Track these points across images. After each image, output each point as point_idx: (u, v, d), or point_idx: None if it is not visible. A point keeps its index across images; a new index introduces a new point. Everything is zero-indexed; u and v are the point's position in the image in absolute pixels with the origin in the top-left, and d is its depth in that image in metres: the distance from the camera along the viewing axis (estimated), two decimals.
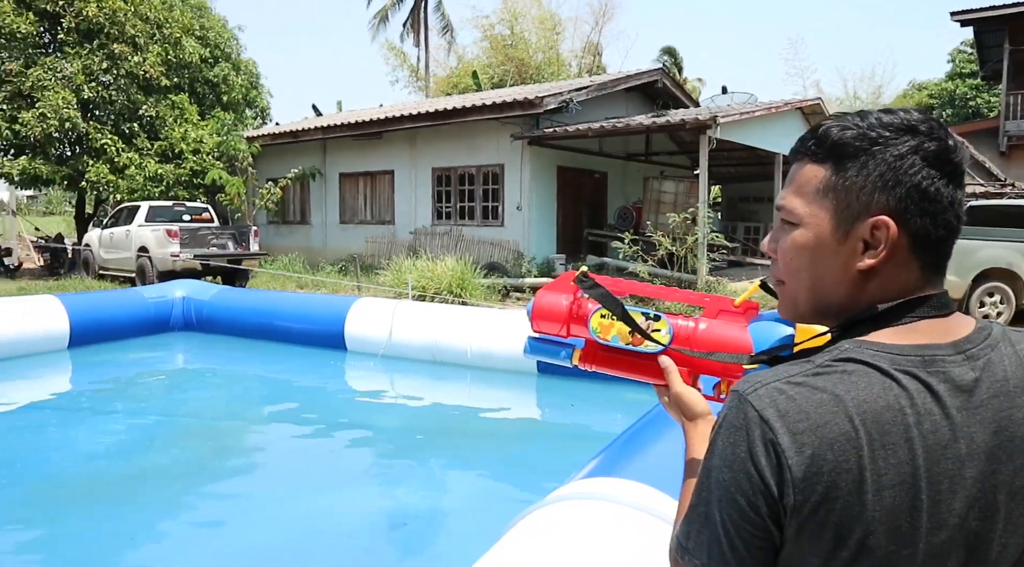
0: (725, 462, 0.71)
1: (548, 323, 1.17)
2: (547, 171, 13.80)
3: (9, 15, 15.20)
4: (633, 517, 1.96)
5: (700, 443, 0.95)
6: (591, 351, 1.15)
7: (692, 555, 0.75)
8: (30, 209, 36.97)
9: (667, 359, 1.06)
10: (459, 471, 4.14)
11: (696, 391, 1.03)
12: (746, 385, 0.73)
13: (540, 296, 1.19)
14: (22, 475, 3.99)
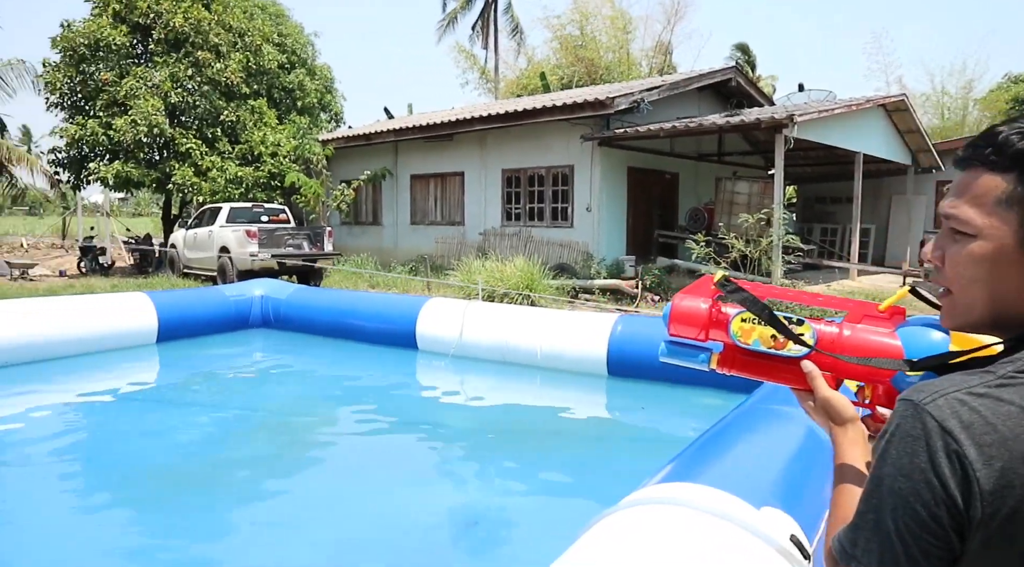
0: (901, 471, 0.71)
1: (686, 327, 1.17)
2: (617, 172, 13.69)
3: (106, 28, 16.06)
4: (712, 523, 1.92)
5: (851, 448, 0.95)
6: (730, 355, 1.14)
7: (859, 562, 0.75)
8: (121, 211, 38.93)
9: (810, 364, 1.05)
10: (530, 472, 4.14)
11: (843, 396, 1.02)
12: (921, 395, 0.73)
13: (678, 300, 1.18)
14: (116, 461, 4.20)
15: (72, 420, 5.19)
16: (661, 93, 13.30)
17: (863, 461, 0.93)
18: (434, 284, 12.24)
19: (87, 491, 3.80)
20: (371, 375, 6.77)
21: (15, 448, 4.47)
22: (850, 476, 0.92)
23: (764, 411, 3.10)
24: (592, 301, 10.76)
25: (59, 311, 6.71)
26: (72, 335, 6.61)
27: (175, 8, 16.31)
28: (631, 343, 5.90)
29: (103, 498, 3.69)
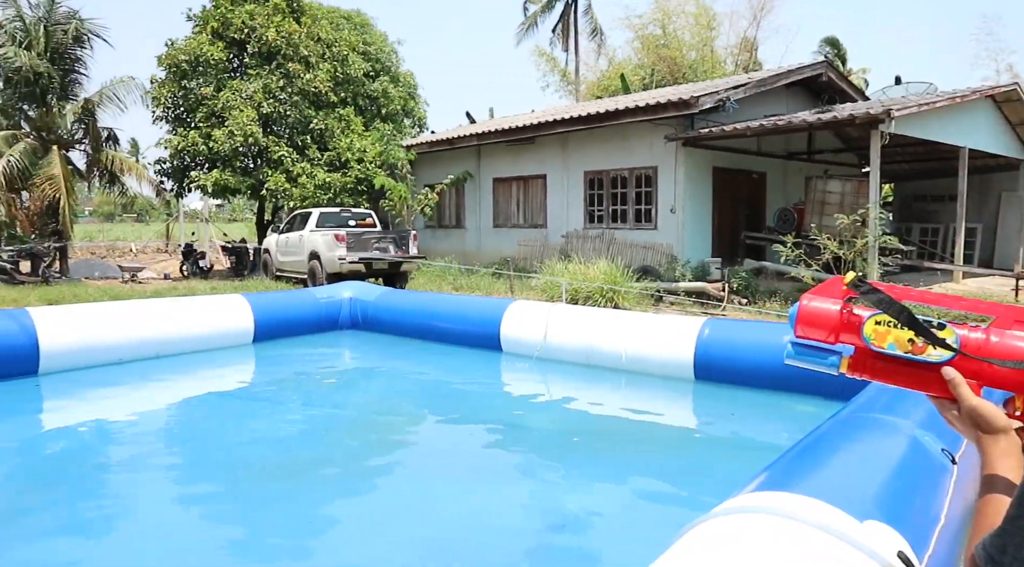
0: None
1: (814, 329, 1.13)
2: (702, 172, 13.42)
3: (205, 45, 16.93)
4: (813, 535, 1.85)
5: (1002, 459, 0.91)
6: (862, 359, 1.10)
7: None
8: (218, 216, 40.86)
9: (952, 370, 1.00)
10: (617, 476, 4.10)
11: (992, 404, 0.96)
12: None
13: (807, 300, 1.14)
14: (216, 455, 4.41)
15: (178, 415, 5.49)
16: (747, 91, 12.96)
17: (1016, 473, 0.88)
18: (517, 286, 12.31)
19: (189, 483, 4.00)
20: (456, 376, 6.86)
21: (127, 440, 4.75)
22: (1000, 487, 0.87)
23: (864, 420, 2.97)
24: (677, 304, 10.58)
25: (167, 312, 7.09)
26: (179, 335, 6.98)
27: (268, 23, 17.03)
28: (719, 347, 5.76)
29: (204, 490, 3.88)
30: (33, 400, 5.74)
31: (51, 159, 15.84)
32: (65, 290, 12.77)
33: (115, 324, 6.59)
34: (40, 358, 5.96)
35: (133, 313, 6.85)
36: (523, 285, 12.37)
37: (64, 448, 4.57)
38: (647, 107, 12.84)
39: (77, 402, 5.73)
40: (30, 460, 4.38)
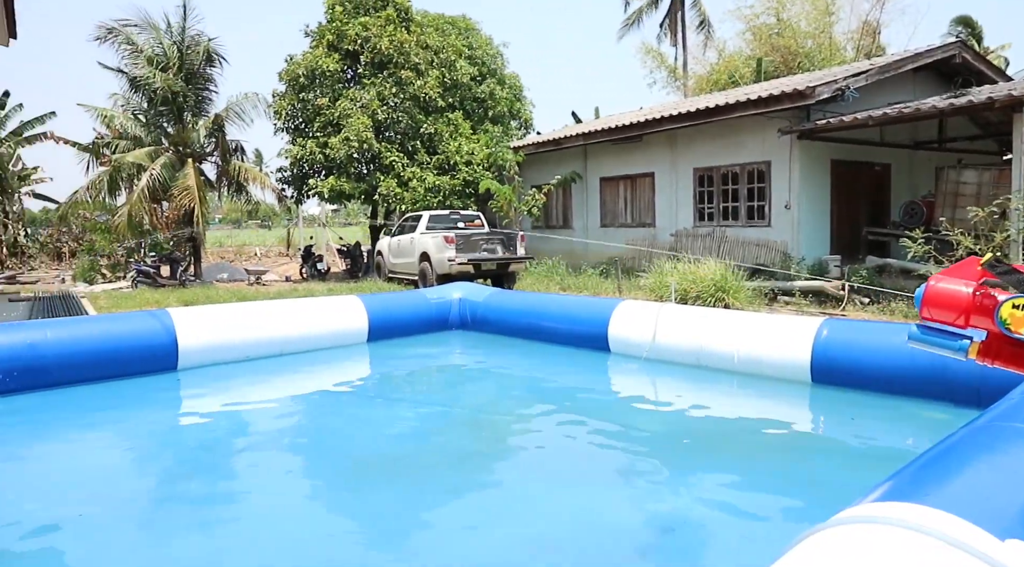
0: None
1: (943, 311, 1.07)
2: (819, 166, 12.82)
3: (321, 58, 17.77)
4: (943, 551, 1.73)
5: None
6: (996, 344, 1.03)
7: None
8: (334, 221, 42.68)
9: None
10: (727, 481, 3.99)
11: None
12: None
13: (936, 281, 1.09)
14: (330, 449, 4.62)
15: (299, 410, 5.78)
16: (869, 78, 12.27)
17: None
18: (625, 286, 12.18)
19: (307, 474, 4.21)
20: (564, 376, 6.87)
21: (253, 432, 5.05)
22: None
23: (1006, 429, 2.75)
24: (792, 304, 10.16)
25: (288, 312, 7.49)
26: (299, 334, 7.35)
27: (380, 33, 17.66)
28: (839, 349, 5.49)
29: (320, 481, 4.07)
30: (173, 393, 6.20)
31: (186, 171, 17.08)
32: (199, 292, 13.72)
33: (243, 324, 7.02)
34: (179, 355, 6.43)
35: (258, 313, 7.28)
36: (631, 285, 12.23)
37: (200, 438, 4.92)
38: (759, 100, 12.40)
39: (210, 396, 6.15)
40: (172, 448, 4.74)
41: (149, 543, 3.21)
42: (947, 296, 1.04)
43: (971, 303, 1.02)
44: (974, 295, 1.02)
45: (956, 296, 1.03)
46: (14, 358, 5.66)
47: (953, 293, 1.04)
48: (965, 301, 1.02)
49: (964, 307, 1.02)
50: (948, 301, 1.04)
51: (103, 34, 17.28)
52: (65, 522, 3.37)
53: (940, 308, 1.05)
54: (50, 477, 4.11)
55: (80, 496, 3.71)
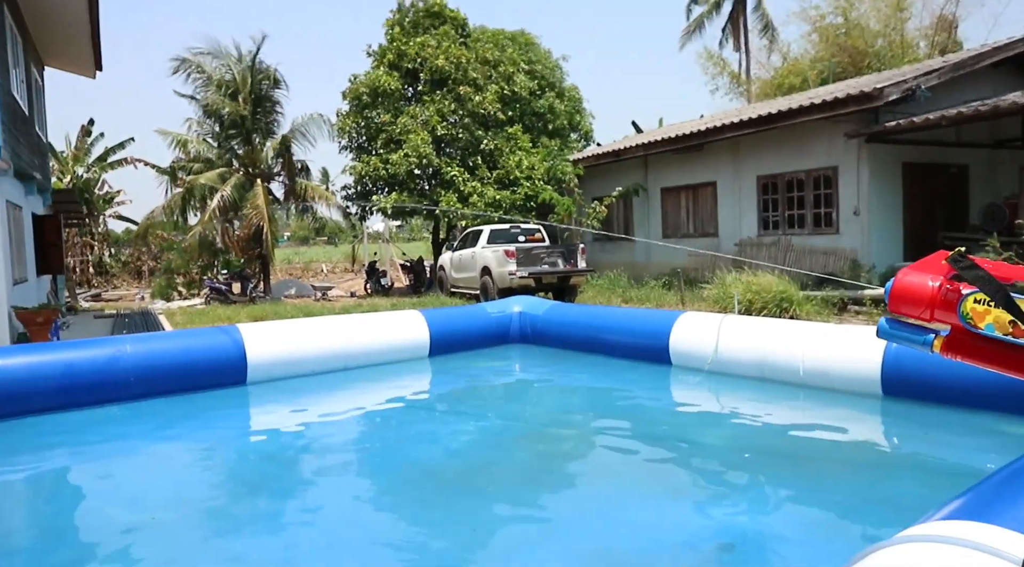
0: None
1: (909, 305, 1.07)
2: (890, 169, 12.40)
3: (383, 77, 18.21)
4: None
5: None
6: (958, 339, 1.02)
7: None
8: (398, 236, 43.47)
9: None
10: (790, 495, 3.88)
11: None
12: None
13: (903, 275, 1.09)
14: (394, 462, 4.69)
15: (363, 423, 5.90)
16: (942, 76, 11.83)
17: None
18: (688, 298, 12.00)
19: (371, 486, 4.28)
20: (624, 389, 6.80)
21: (319, 444, 5.18)
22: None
23: None
24: (863, 314, 9.82)
25: (353, 327, 7.65)
26: (363, 348, 7.50)
27: (437, 52, 17.98)
28: (912, 360, 5.27)
29: (384, 494, 4.14)
30: (242, 407, 6.41)
31: (255, 191, 17.71)
32: (268, 308, 14.17)
33: (309, 339, 7.21)
34: (248, 369, 6.65)
35: (324, 329, 7.46)
36: (694, 296, 12.04)
37: (267, 449, 5.07)
38: (824, 104, 12.09)
39: (277, 409, 6.34)
40: (240, 459, 4.90)
41: (215, 548, 3.32)
42: (912, 290, 1.03)
43: (936, 297, 1.00)
44: (939, 289, 1.00)
45: (921, 290, 1.02)
46: (97, 371, 5.96)
47: (918, 287, 1.03)
48: (929, 295, 1.01)
49: (928, 301, 1.01)
50: (913, 295, 1.03)
51: (177, 65, 18.18)
52: (141, 526, 3.52)
53: (906, 302, 1.04)
54: (130, 485, 4.31)
55: (155, 502, 3.88)
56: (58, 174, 24.66)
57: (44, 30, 12.97)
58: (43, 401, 5.70)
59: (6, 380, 5.59)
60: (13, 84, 10.16)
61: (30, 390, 5.67)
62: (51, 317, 9.91)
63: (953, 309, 1.02)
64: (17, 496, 4.34)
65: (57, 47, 14.05)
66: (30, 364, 5.78)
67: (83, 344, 6.40)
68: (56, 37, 13.41)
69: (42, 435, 5.33)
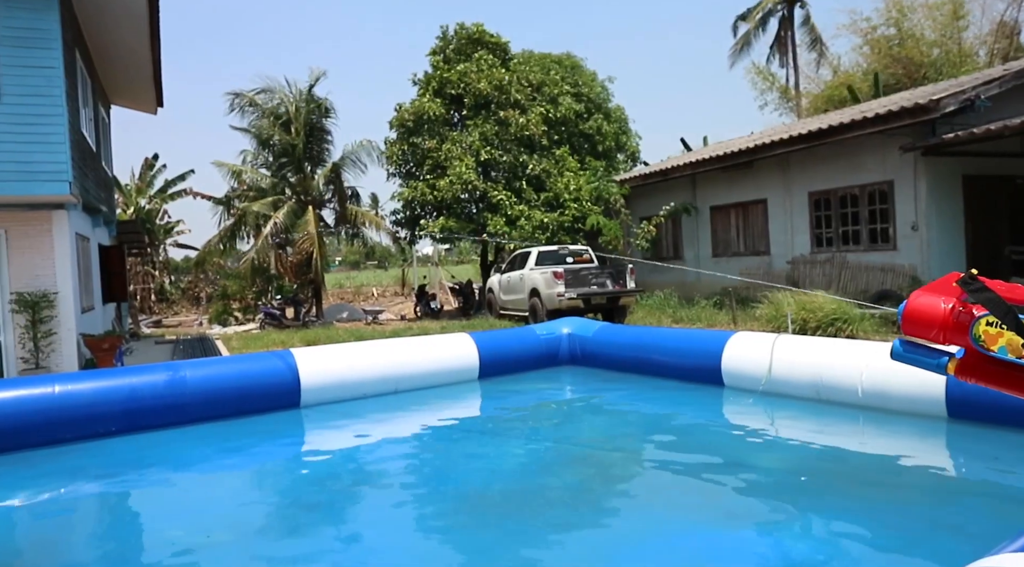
0: None
1: (921, 327, 1.05)
2: (949, 183, 12.03)
3: (427, 104, 18.53)
4: None
5: None
6: (972, 362, 1.00)
7: None
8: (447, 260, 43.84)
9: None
10: (851, 522, 3.75)
11: None
12: None
13: (915, 297, 1.07)
14: (444, 484, 4.70)
15: (414, 445, 5.93)
16: (1003, 85, 11.48)
17: None
18: (740, 317, 11.80)
19: (421, 508, 4.29)
20: (676, 411, 6.71)
21: (370, 467, 5.22)
22: None
23: None
24: None
25: (403, 351, 7.73)
26: (413, 371, 7.57)
27: (479, 76, 18.22)
28: None
29: (434, 516, 4.15)
30: (296, 430, 6.52)
31: (307, 217, 18.12)
32: (320, 332, 14.42)
33: (360, 362, 7.31)
34: (301, 393, 6.77)
35: (374, 352, 7.56)
36: (746, 315, 11.83)
37: (319, 471, 5.14)
38: (877, 117, 11.83)
39: (330, 432, 6.42)
40: (293, 481, 4.98)
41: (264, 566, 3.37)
42: (925, 312, 1.01)
43: (948, 319, 0.98)
44: (952, 311, 0.97)
45: (933, 312, 0.99)
46: (158, 396, 6.14)
47: (931, 309, 1.00)
48: (941, 317, 0.98)
49: (941, 323, 0.98)
50: (926, 317, 1.01)
51: (233, 99, 18.88)
52: (199, 547, 3.60)
53: (918, 324, 1.02)
54: (188, 506, 4.41)
55: (212, 523, 3.96)
56: (122, 206, 25.67)
57: (111, 71, 13.61)
58: (109, 424, 5.90)
59: (75, 404, 5.80)
60: (82, 123, 10.65)
61: (97, 414, 5.88)
62: (116, 343, 10.27)
63: (965, 331, 1.00)
64: (83, 515, 4.49)
65: (122, 86, 14.72)
66: (97, 389, 5.99)
67: (145, 370, 6.61)
68: (121, 77, 14.05)
69: (107, 457, 5.51)
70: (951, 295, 1.06)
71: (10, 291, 9.16)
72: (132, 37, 11.80)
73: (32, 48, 8.71)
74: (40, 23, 8.74)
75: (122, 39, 11.92)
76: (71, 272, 9.50)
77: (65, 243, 9.43)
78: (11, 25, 8.62)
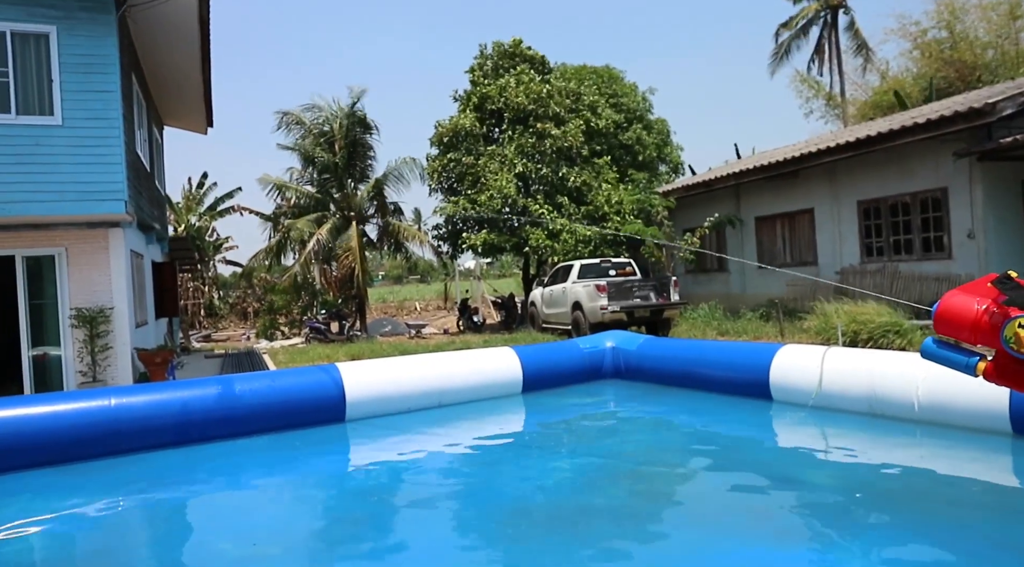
0: None
1: (953, 327, 1.04)
2: (1008, 188, 11.65)
3: (463, 120, 18.71)
4: None
5: None
6: (1003, 364, 0.99)
7: None
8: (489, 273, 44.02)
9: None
10: (909, 540, 3.62)
11: None
12: None
13: (948, 297, 1.06)
14: (488, 500, 4.68)
15: (457, 459, 5.93)
16: None
17: None
18: (787, 329, 11.56)
19: (464, 522, 4.28)
20: (723, 426, 6.58)
21: (414, 481, 5.24)
22: None
23: None
24: None
25: (446, 365, 7.76)
26: (457, 385, 7.58)
27: (518, 90, 18.32)
28: None
29: (476, 530, 4.13)
30: (342, 443, 6.58)
31: (350, 233, 18.38)
32: (364, 346, 14.57)
33: (404, 376, 7.36)
34: (347, 407, 6.84)
35: (419, 366, 7.60)
36: (794, 328, 11.59)
37: (364, 485, 5.17)
38: (929, 123, 11.54)
39: (375, 446, 6.46)
40: (339, 494, 5.02)
41: None
42: (958, 311, 0.99)
43: (980, 320, 0.95)
44: (985, 312, 0.95)
45: (964, 312, 0.97)
46: (208, 409, 6.27)
47: (963, 309, 0.98)
48: (973, 317, 0.96)
49: (972, 323, 0.96)
50: (958, 317, 0.99)
51: (280, 118, 19.38)
52: (247, 559, 3.64)
53: (950, 324, 1.00)
54: (237, 518, 4.48)
55: (260, 535, 4.01)
56: (173, 223, 26.42)
57: (164, 93, 14.08)
58: (162, 436, 6.04)
59: (130, 417, 5.95)
60: (137, 144, 11.03)
61: (151, 427, 6.02)
62: (168, 358, 10.54)
63: (997, 332, 0.98)
64: (134, 526, 4.59)
65: (174, 108, 15.22)
66: (151, 402, 6.14)
67: (196, 383, 6.76)
68: (174, 99, 14.53)
69: (159, 469, 5.63)
70: (986, 296, 1.04)
71: (70, 306, 9.48)
72: (184, 61, 12.21)
73: (92, 74, 9.07)
74: (100, 50, 9.10)
75: (175, 63, 12.34)
76: (126, 288, 9.80)
77: (121, 260, 9.74)
78: (73, 52, 8.99)
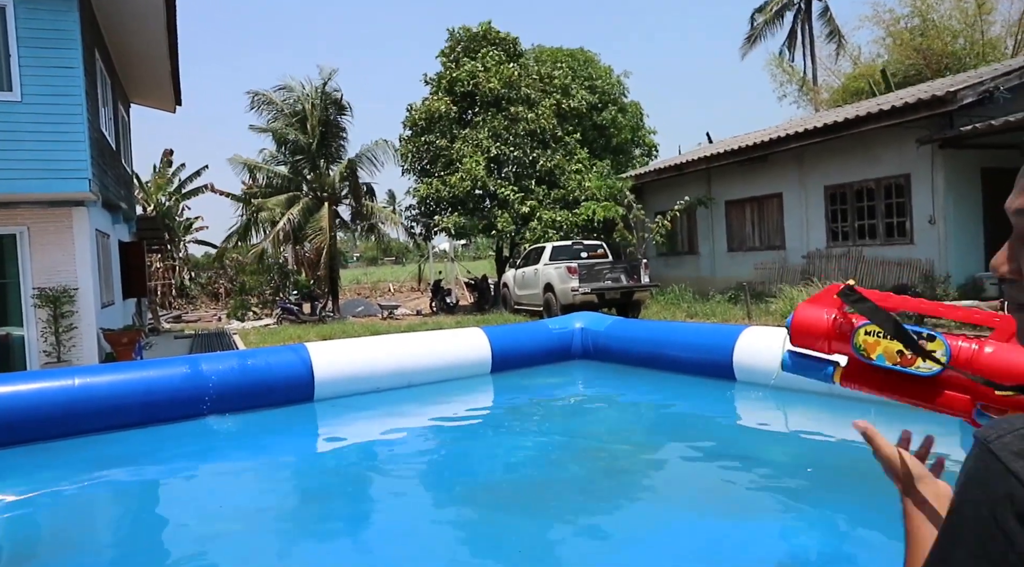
0: (966, 522, 0.60)
1: (808, 338, 1.12)
2: (967, 176, 11.91)
3: (436, 103, 18.62)
4: None
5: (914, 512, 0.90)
6: (854, 370, 1.07)
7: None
8: (463, 255, 43.93)
9: (864, 423, 0.97)
10: (860, 516, 3.76)
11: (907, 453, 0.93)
12: (991, 432, 0.60)
13: (801, 309, 1.14)
14: (456, 477, 4.76)
15: (425, 438, 5.99)
16: (1023, 76, 11.32)
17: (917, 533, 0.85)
18: (754, 312, 11.76)
19: (431, 499, 4.36)
20: (686, 405, 6.72)
21: (383, 460, 5.29)
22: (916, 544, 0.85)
23: None
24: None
25: (417, 345, 7.80)
26: (426, 365, 7.63)
27: (488, 75, 18.27)
28: None
29: (443, 506, 4.21)
30: (310, 423, 6.61)
31: (322, 213, 18.27)
32: (335, 327, 14.55)
33: (374, 356, 7.38)
34: (315, 386, 6.86)
35: (388, 347, 7.63)
36: (761, 311, 11.80)
37: (333, 463, 5.21)
38: (893, 110, 11.73)
39: (343, 425, 6.51)
40: (308, 472, 5.06)
41: (281, 557, 3.44)
42: (810, 324, 1.06)
43: (831, 330, 1.03)
44: (834, 322, 1.03)
45: (817, 323, 1.05)
46: (175, 389, 6.25)
47: (815, 320, 1.06)
48: (825, 328, 1.04)
49: (825, 334, 1.04)
50: (811, 329, 1.06)
51: (252, 97, 19.11)
52: (214, 535, 3.68)
53: (805, 336, 1.07)
54: (203, 497, 4.51)
55: (226, 514, 4.04)
56: (142, 203, 25.98)
57: (130, 70, 13.79)
58: (127, 417, 6.01)
59: (95, 397, 5.92)
60: (102, 122, 10.82)
61: (116, 406, 5.99)
62: (135, 338, 10.44)
63: (847, 340, 1.06)
64: (101, 506, 4.59)
65: (141, 86, 14.92)
66: (116, 382, 6.11)
67: (163, 363, 6.72)
68: (140, 76, 14.24)
69: (125, 449, 5.62)
70: (833, 306, 1.12)
71: (32, 286, 9.34)
72: (150, 36, 11.97)
73: (52, 49, 8.86)
74: (60, 24, 8.89)
75: (140, 38, 12.09)
76: (91, 268, 9.67)
77: (85, 240, 9.60)
78: (31, 26, 8.77)
